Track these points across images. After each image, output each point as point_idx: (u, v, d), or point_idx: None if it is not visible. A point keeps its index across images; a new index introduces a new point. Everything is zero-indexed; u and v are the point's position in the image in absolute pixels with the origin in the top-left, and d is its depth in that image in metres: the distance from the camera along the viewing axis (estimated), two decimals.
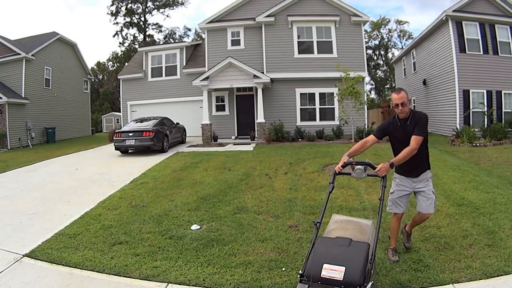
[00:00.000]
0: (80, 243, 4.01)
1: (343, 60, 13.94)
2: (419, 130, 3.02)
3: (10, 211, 5.42)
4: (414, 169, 3.20)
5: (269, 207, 5.15)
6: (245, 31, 16.13)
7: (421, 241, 3.71)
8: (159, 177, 7.53)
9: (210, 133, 14.34)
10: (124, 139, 11.45)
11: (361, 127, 14.03)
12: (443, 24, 15.00)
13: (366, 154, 9.79)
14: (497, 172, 7.15)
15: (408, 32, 43.16)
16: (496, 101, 14.31)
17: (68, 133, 20.76)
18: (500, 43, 14.42)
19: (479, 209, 4.63)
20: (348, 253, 2.24)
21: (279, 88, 15.57)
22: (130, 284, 3.13)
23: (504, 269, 3.06)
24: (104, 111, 38.92)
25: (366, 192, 5.73)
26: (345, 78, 8.20)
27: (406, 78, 22.16)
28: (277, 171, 7.69)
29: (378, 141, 3.27)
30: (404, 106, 3.07)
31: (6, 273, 3.33)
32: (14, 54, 17.12)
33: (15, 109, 16.41)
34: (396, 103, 3.08)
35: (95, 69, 45.26)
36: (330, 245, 2.37)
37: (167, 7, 42.79)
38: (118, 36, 42.40)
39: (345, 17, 15.51)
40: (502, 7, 14.68)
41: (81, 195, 6.36)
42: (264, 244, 3.81)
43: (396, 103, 3.08)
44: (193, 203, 5.45)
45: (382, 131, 3.30)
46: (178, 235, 4.12)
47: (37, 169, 9.37)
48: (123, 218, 4.87)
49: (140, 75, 18.92)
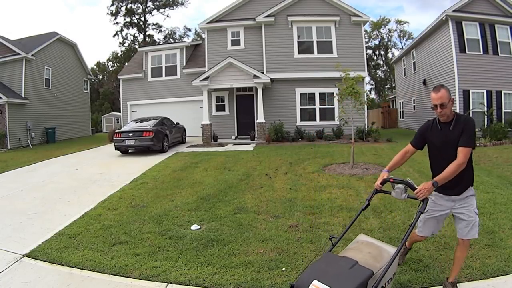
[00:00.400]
0: (80, 243, 4.00)
1: (343, 60, 13.95)
2: (467, 140, 2.50)
3: (10, 211, 5.42)
4: (455, 185, 2.61)
5: (269, 207, 5.15)
6: (245, 31, 16.13)
7: (421, 241, 3.70)
8: (159, 177, 7.53)
9: (210, 133, 14.34)
10: (124, 139, 11.45)
11: (361, 127, 14.04)
12: (443, 24, 15.01)
13: (366, 154, 9.83)
14: (497, 172, 7.15)
15: (408, 32, 43.29)
16: (496, 101, 14.32)
17: (68, 133, 20.77)
18: (500, 43, 14.42)
19: (479, 209, 4.59)
20: (344, 276, 2.09)
21: (279, 88, 15.57)
22: (130, 284, 3.13)
23: (504, 269, 3.07)
24: (104, 111, 38.94)
25: (366, 192, 5.72)
26: (344, 78, 8.19)
27: (406, 78, 22.17)
28: (277, 171, 7.69)
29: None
30: (444, 107, 2.55)
31: (6, 273, 3.33)
32: (14, 54, 17.12)
33: (15, 109, 16.41)
34: (435, 103, 2.57)
35: (95, 69, 45.28)
36: (331, 263, 2.24)
37: (167, 7, 42.83)
38: (118, 36, 42.51)
39: (345, 17, 15.52)
40: (502, 7, 14.68)
41: (81, 195, 6.36)
42: (264, 244, 3.81)
43: (435, 104, 2.57)
44: (193, 203, 5.45)
45: (420, 137, 2.81)
46: (178, 235, 4.12)
47: (37, 169, 9.37)
48: (123, 218, 4.87)
49: (140, 75, 18.93)
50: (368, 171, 7.37)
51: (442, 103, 2.55)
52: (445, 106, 2.55)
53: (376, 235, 3.90)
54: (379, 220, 4.38)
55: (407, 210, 4.71)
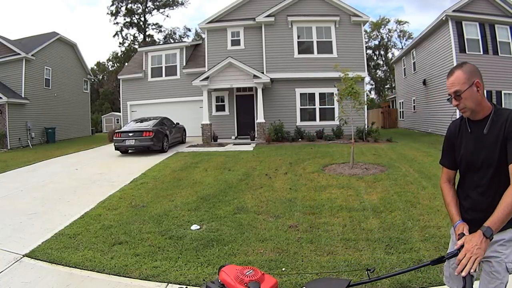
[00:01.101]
0: (80, 243, 4.00)
1: (343, 60, 13.96)
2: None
3: (10, 211, 5.42)
4: (487, 216, 1.52)
5: (269, 207, 5.15)
6: (245, 31, 16.14)
7: (421, 241, 3.71)
8: (159, 177, 7.53)
9: (210, 133, 14.34)
10: (124, 139, 11.45)
11: (361, 127, 14.04)
12: (443, 24, 15.01)
13: (366, 154, 9.83)
14: None
15: (408, 32, 43.28)
16: (496, 101, 14.30)
17: (68, 133, 20.77)
18: (500, 43, 14.43)
19: None
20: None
21: (279, 88, 15.57)
22: (130, 284, 3.13)
23: None
24: (104, 111, 38.95)
25: (366, 192, 5.73)
26: (344, 78, 8.19)
27: (406, 78, 22.17)
28: (277, 171, 7.69)
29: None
30: (459, 98, 1.65)
31: (6, 273, 3.33)
32: (14, 54, 17.13)
33: (15, 109, 16.41)
34: (449, 91, 1.69)
35: (95, 69, 45.27)
36: (325, 283, 1.86)
37: (167, 7, 42.84)
38: (118, 36, 42.52)
39: (345, 17, 15.52)
40: (502, 7, 14.69)
41: (81, 195, 6.36)
42: (264, 244, 3.81)
43: (449, 93, 1.69)
44: (193, 203, 5.45)
45: (449, 150, 1.86)
46: (178, 235, 4.12)
47: (37, 169, 9.37)
48: (123, 218, 4.87)
49: (140, 75, 18.93)
50: (368, 171, 7.38)
51: (456, 90, 1.64)
52: (460, 95, 1.63)
53: (376, 235, 3.91)
54: (379, 220, 4.38)
55: (407, 210, 4.71)
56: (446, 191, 1.85)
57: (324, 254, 3.52)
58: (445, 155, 1.90)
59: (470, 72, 1.64)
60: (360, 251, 3.56)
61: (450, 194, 1.83)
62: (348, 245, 3.71)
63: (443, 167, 1.92)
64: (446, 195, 1.85)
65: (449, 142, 1.86)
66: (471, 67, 1.67)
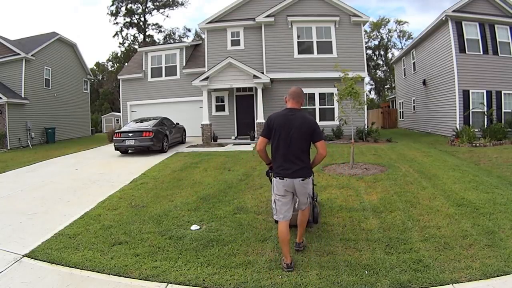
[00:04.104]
0: (80, 243, 4.00)
1: (343, 60, 13.97)
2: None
3: (10, 211, 5.41)
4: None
5: (269, 207, 5.14)
6: (245, 31, 16.14)
7: (421, 241, 3.71)
8: (159, 177, 7.53)
9: (210, 133, 14.34)
10: (124, 139, 11.44)
11: (361, 127, 14.05)
12: (443, 24, 15.01)
13: (366, 155, 9.83)
14: (497, 172, 7.14)
15: (408, 32, 43.30)
16: (496, 101, 14.32)
17: (68, 133, 20.76)
18: (500, 43, 14.43)
19: (479, 209, 4.62)
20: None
21: (279, 88, 15.56)
22: (130, 284, 3.13)
23: (504, 269, 3.06)
24: (104, 111, 38.95)
25: (366, 192, 5.72)
26: (343, 78, 8.18)
27: (406, 78, 22.18)
28: None
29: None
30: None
31: (6, 273, 3.33)
32: (14, 54, 17.12)
33: (15, 109, 16.41)
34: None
35: (95, 69, 45.25)
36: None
37: (167, 7, 42.85)
38: (118, 36, 42.51)
39: (345, 17, 15.52)
40: (502, 7, 14.69)
41: (81, 195, 6.36)
42: (264, 244, 3.81)
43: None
44: (193, 203, 5.45)
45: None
46: (178, 235, 4.12)
47: (37, 169, 9.36)
48: (123, 218, 4.87)
49: (140, 75, 18.93)
50: (368, 171, 7.37)
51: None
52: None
53: (375, 235, 3.91)
54: (379, 220, 4.38)
55: (407, 210, 4.71)
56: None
57: (324, 254, 3.52)
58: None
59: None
60: (360, 251, 3.56)
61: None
62: (348, 245, 3.72)
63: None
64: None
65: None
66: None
